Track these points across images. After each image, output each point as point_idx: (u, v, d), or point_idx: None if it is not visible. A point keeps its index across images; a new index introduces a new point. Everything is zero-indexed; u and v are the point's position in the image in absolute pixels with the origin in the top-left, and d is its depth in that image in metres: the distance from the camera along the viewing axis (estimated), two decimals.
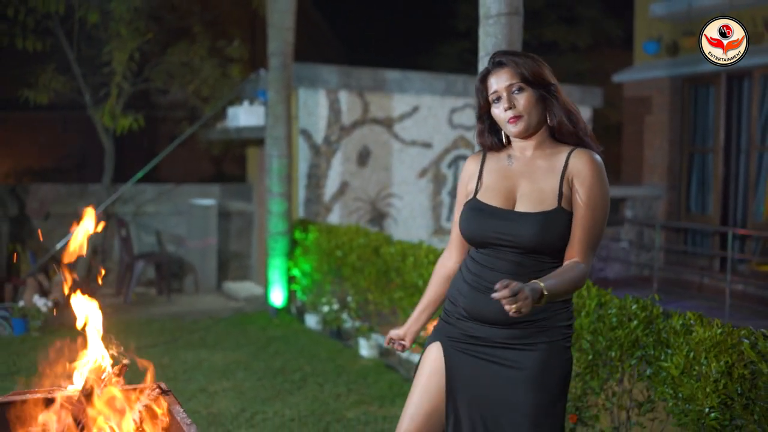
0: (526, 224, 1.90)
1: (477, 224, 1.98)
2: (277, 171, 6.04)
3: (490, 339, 1.96)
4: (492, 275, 1.93)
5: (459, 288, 2.04)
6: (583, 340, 3.11)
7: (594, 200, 1.91)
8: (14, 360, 4.92)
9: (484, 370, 1.96)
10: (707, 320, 2.69)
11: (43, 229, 7.53)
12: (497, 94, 1.97)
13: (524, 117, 1.94)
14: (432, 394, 2.04)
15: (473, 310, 1.97)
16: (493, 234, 1.94)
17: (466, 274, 2.03)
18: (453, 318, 2.04)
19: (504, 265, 1.94)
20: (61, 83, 7.37)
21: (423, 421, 2.06)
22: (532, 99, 1.95)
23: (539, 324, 1.92)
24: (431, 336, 2.12)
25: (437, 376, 2.03)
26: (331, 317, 5.49)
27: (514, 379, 1.92)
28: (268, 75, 6.07)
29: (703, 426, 2.56)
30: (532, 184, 1.96)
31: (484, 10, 3.36)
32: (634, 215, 8.66)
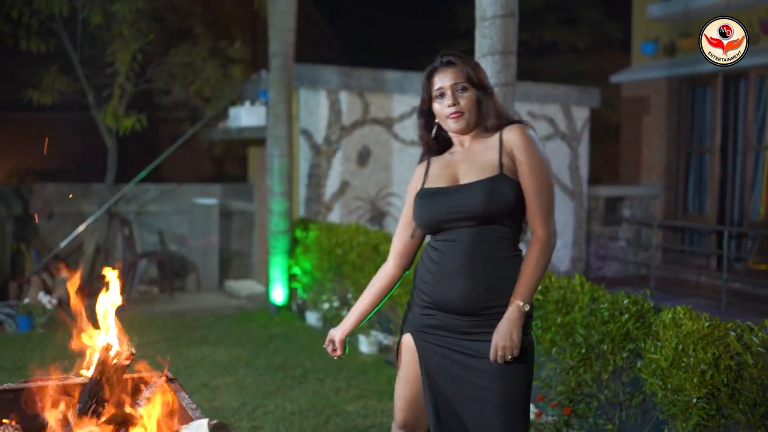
0: (473, 192, 2.02)
1: (428, 207, 2.08)
2: (278, 170, 6.12)
3: (454, 328, 2.05)
4: (453, 261, 2.03)
5: (422, 277, 2.14)
6: (577, 334, 3.19)
7: (537, 166, 2.03)
8: (19, 356, 5.01)
9: (450, 360, 2.06)
10: (696, 314, 2.77)
11: (46, 228, 7.61)
12: (442, 91, 2.10)
13: (465, 114, 2.08)
14: (412, 382, 2.17)
15: (437, 299, 2.06)
16: (446, 210, 2.04)
17: (428, 263, 2.12)
18: (419, 308, 2.14)
19: (462, 247, 2.03)
20: (65, 84, 7.46)
21: (412, 408, 2.20)
22: (473, 99, 2.09)
23: (499, 311, 2.00)
24: (403, 326, 2.23)
25: (413, 364, 2.15)
26: (331, 314, 5.57)
27: (479, 368, 2.01)
28: (270, 75, 6.15)
29: (691, 415, 2.64)
30: (472, 163, 2.09)
31: (480, 12, 3.44)
32: (631, 214, 8.74)
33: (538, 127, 8.14)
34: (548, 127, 8.21)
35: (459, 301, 2.02)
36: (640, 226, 8.76)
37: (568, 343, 3.24)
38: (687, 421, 2.67)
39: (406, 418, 2.25)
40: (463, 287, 2.01)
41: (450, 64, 2.12)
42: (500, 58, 3.39)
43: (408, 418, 2.24)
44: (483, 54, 3.43)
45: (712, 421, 2.62)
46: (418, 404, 2.21)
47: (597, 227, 8.64)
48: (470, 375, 2.03)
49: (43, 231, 7.61)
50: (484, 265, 2.02)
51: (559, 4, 12.36)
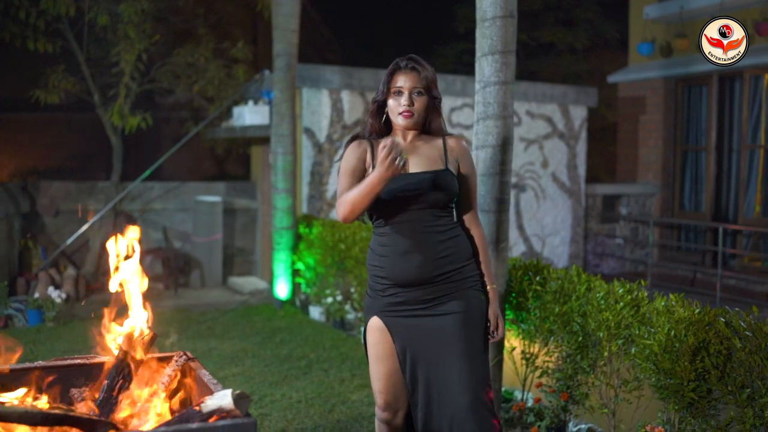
0: (425, 179, 2.37)
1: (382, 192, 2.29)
2: (282, 168, 6.25)
3: (416, 300, 2.35)
4: (405, 240, 2.35)
5: (376, 264, 2.41)
6: (574, 323, 3.32)
7: (473, 171, 2.55)
8: (31, 348, 5.12)
9: (417, 326, 2.36)
10: (687, 302, 2.90)
11: (53, 225, 7.73)
12: (401, 90, 2.42)
13: (415, 115, 2.42)
14: (385, 360, 2.40)
15: (396, 277, 2.35)
16: (401, 194, 2.34)
17: (379, 248, 2.40)
18: (379, 293, 2.40)
19: (412, 227, 2.35)
20: (71, 84, 7.58)
21: (390, 387, 2.43)
22: (424, 103, 2.44)
23: (452, 278, 2.38)
24: (366, 315, 2.47)
25: (383, 343, 2.40)
26: (334, 308, 5.69)
27: (443, 324, 2.34)
28: (273, 75, 6.28)
29: (683, 397, 2.77)
30: (419, 156, 2.45)
31: (480, 13, 3.56)
32: (628, 212, 8.87)
33: (536, 126, 8.28)
34: (546, 126, 8.35)
35: (416, 274, 2.34)
36: (637, 223, 8.90)
37: (566, 331, 3.36)
38: (679, 403, 2.80)
39: (387, 399, 2.44)
40: (418, 261, 2.34)
41: (413, 69, 2.44)
42: (500, 57, 3.52)
43: (389, 399, 2.44)
44: (483, 53, 3.55)
45: (703, 402, 2.75)
46: (394, 381, 2.42)
47: (594, 225, 8.78)
48: (436, 333, 2.35)
49: (50, 228, 7.74)
50: (432, 240, 2.36)
51: (557, 4, 12.49)
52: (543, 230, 8.39)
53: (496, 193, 3.54)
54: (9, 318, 5.90)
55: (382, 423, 2.50)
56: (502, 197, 3.55)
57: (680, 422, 2.86)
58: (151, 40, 7.57)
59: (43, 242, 7.59)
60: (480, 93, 3.58)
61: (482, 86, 3.57)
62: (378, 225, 2.44)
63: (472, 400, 2.29)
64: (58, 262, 7.43)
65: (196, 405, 1.70)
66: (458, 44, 13.22)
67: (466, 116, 7.64)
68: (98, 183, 8.07)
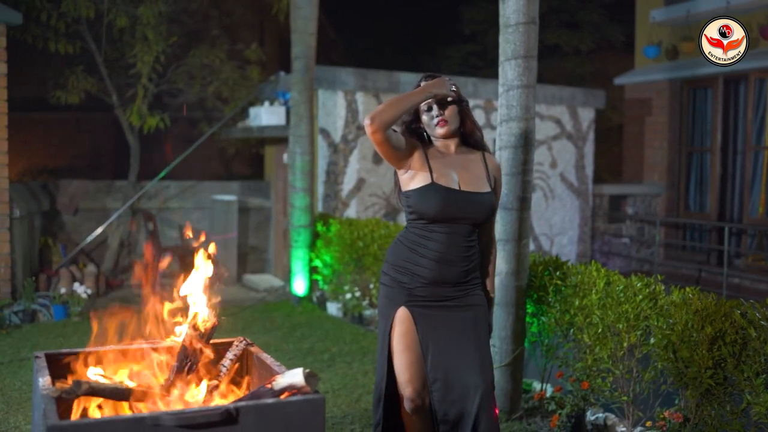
0: (477, 201, 2.57)
1: (441, 203, 2.50)
2: (300, 167, 6.41)
3: (444, 295, 2.58)
4: (452, 250, 2.55)
5: (415, 261, 2.56)
6: (594, 315, 3.48)
7: (500, 188, 2.75)
8: (61, 342, 5.28)
9: (441, 316, 2.57)
10: (704, 294, 3.07)
11: (71, 223, 7.89)
12: (429, 105, 2.57)
13: (449, 122, 2.57)
14: (413, 348, 2.57)
15: (436, 278, 2.55)
16: (458, 211, 2.53)
17: (419, 249, 2.56)
18: (406, 285, 2.57)
19: (458, 240, 2.56)
20: (90, 84, 7.74)
21: (416, 374, 2.57)
22: (454, 110, 2.59)
23: (470, 282, 2.64)
24: (386, 307, 2.62)
25: (411, 332, 2.57)
26: (353, 304, 5.85)
27: (462, 315, 2.58)
28: (292, 77, 6.43)
29: (700, 384, 2.94)
30: (469, 174, 2.61)
31: (503, 19, 3.73)
32: (634, 212, 9.04)
33: (545, 127, 8.45)
34: (555, 128, 8.52)
35: (454, 279, 2.58)
36: (643, 223, 9.07)
37: (586, 323, 3.53)
38: (696, 390, 2.97)
39: (416, 387, 2.58)
40: (458, 270, 2.58)
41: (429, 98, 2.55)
42: (522, 61, 3.68)
43: (417, 386, 2.58)
44: (507, 58, 3.72)
45: (719, 389, 2.91)
46: (420, 368, 2.57)
47: (601, 224, 8.95)
48: (453, 326, 2.56)
49: (68, 226, 7.89)
50: (466, 254, 2.60)
51: (562, 7, 12.65)
52: (551, 229, 8.56)
53: (519, 192, 3.70)
54: (34, 313, 6.05)
55: (412, 414, 2.61)
56: (524, 195, 3.72)
57: (697, 408, 3.03)
58: (168, 42, 7.74)
59: (62, 240, 7.74)
60: (503, 96, 3.74)
61: (505, 89, 3.73)
62: (417, 225, 2.57)
63: (484, 390, 2.49)
64: (77, 259, 7.58)
65: (267, 383, 1.86)
66: (464, 46, 13.39)
67: (478, 117, 7.80)
68: (116, 182, 8.23)
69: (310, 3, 6.27)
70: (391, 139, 2.46)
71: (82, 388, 1.69)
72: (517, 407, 3.80)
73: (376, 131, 2.39)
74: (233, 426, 1.68)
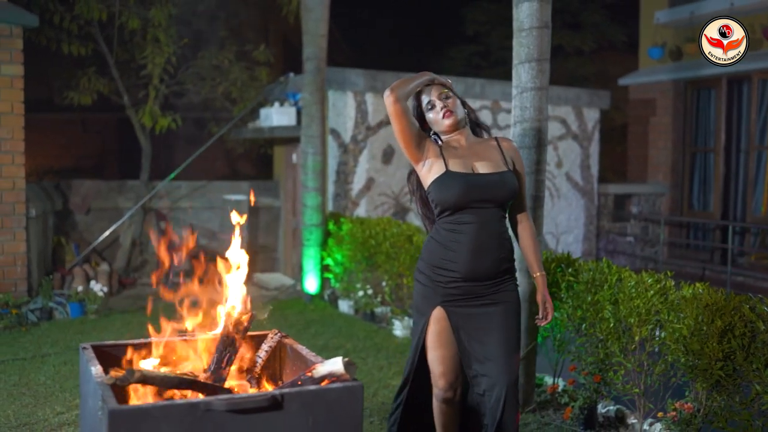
0: (495, 180, 2.62)
1: (460, 186, 2.57)
2: (311, 167, 6.52)
3: (478, 292, 2.63)
4: (484, 238, 2.58)
5: (446, 257, 2.62)
6: (605, 311, 3.59)
7: (523, 168, 2.82)
8: (80, 338, 5.39)
9: (474, 312, 2.64)
10: (713, 289, 3.18)
11: (83, 222, 8.00)
12: (432, 103, 2.68)
13: (455, 112, 2.67)
14: (448, 344, 2.67)
15: (465, 271, 2.59)
16: (473, 191, 2.57)
17: (449, 244, 2.61)
18: (440, 284, 2.64)
19: (486, 226, 2.59)
20: (103, 85, 7.85)
21: (450, 368, 2.69)
22: (456, 101, 2.70)
23: (506, 273, 2.69)
24: (422, 305, 2.70)
25: (447, 330, 2.66)
26: (365, 302, 5.96)
27: (497, 309, 2.64)
28: (303, 78, 6.54)
29: (711, 376, 3.05)
30: (483, 159, 2.67)
31: (517, 24, 3.83)
32: (639, 211, 9.15)
33: (551, 127, 8.56)
34: (561, 128, 8.63)
35: (488, 271, 2.62)
36: (647, 222, 9.18)
37: (598, 318, 3.63)
38: (706, 381, 3.08)
39: (450, 380, 2.70)
40: (487, 260, 2.61)
41: (430, 83, 2.70)
42: (536, 64, 3.79)
43: (451, 379, 2.70)
44: (520, 61, 3.83)
45: (729, 380, 3.02)
46: (455, 363, 2.69)
47: (606, 223, 9.06)
48: (486, 321, 2.64)
49: (81, 225, 8.00)
50: (496, 242, 2.63)
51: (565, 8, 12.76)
52: (557, 228, 8.67)
53: (533, 191, 3.81)
54: (51, 310, 6.16)
55: (443, 403, 2.73)
56: (537, 194, 3.83)
57: (707, 399, 3.14)
58: (179, 44, 7.85)
59: (74, 239, 7.85)
60: (517, 98, 3.85)
61: (519, 91, 3.84)
62: (446, 220, 2.65)
63: (508, 385, 2.58)
64: (89, 258, 7.69)
65: (308, 371, 1.96)
66: (467, 47, 13.50)
67: (485, 118, 7.91)
68: (128, 182, 8.34)
69: (321, 5, 6.38)
70: (408, 113, 2.59)
71: (135, 376, 1.80)
72: (530, 400, 3.91)
73: (397, 101, 2.53)
74: (279, 411, 1.79)
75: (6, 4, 6.16)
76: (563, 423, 3.72)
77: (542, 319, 2.77)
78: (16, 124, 6.21)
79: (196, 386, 1.95)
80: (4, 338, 5.35)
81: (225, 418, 1.72)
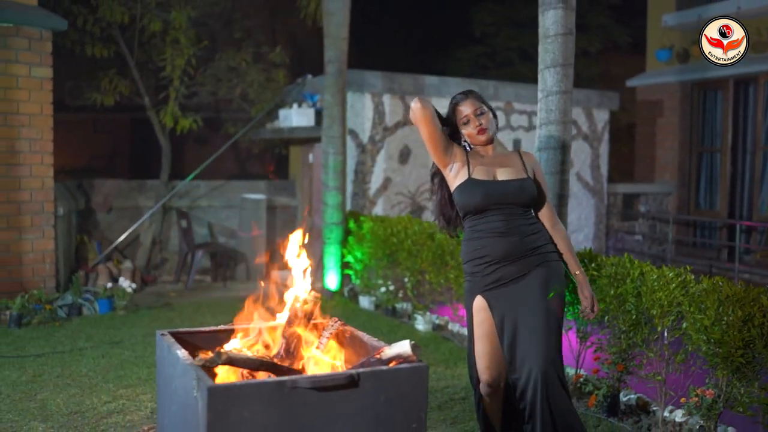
0: (515, 185, 2.84)
1: (481, 192, 2.79)
2: (333, 167, 6.71)
3: (512, 274, 2.79)
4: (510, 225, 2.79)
5: (475, 247, 2.82)
6: (628, 303, 3.78)
7: (543, 178, 3.02)
8: (112, 333, 5.57)
9: (511, 294, 2.79)
10: (731, 282, 3.37)
11: (105, 221, 8.19)
12: (467, 118, 2.87)
13: (488, 128, 2.88)
14: (490, 336, 2.84)
15: (494, 252, 2.78)
16: (494, 195, 2.79)
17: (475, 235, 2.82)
18: (478, 274, 2.82)
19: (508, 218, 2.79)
20: (125, 86, 8.04)
21: (494, 362, 2.84)
22: (489, 117, 2.90)
23: (538, 253, 2.83)
24: (469, 298, 2.90)
25: (488, 320, 2.84)
26: (386, 297, 6.15)
27: (531, 289, 2.78)
28: (325, 80, 6.72)
29: (731, 363, 3.24)
30: (506, 167, 2.89)
31: (543, 30, 4.03)
32: (647, 210, 9.35)
33: None
34: (572, 129, 8.81)
35: (511, 249, 2.79)
36: (655, 221, 9.38)
37: (621, 311, 3.82)
38: (727, 369, 3.27)
39: (492, 374, 2.86)
40: (512, 239, 2.80)
41: (466, 97, 2.91)
42: (561, 69, 3.98)
43: (493, 373, 2.86)
44: (546, 66, 4.02)
45: (748, 367, 3.21)
46: (497, 356, 2.84)
47: (615, 222, 9.26)
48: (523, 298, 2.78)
49: (102, 224, 8.19)
50: (521, 224, 2.83)
51: None
52: (568, 227, 8.82)
53: (557, 190, 4.00)
54: (80, 307, 6.34)
55: (486, 397, 2.89)
56: (562, 193, 4.02)
57: (727, 386, 3.33)
58: (200, 45, 8.03)
59: (96, 237, 8.04)
60: (543, 101, 4.04)
61: (545, 95, 4.03)
62: (472, 220, 2.86)
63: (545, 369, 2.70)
64: (110, 256, 7.88)
65: (376, 354, 2.15)
66: (474, 48, 13.68)
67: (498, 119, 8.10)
68: (148, 181, 8.52)
69: (342, 9, 6.56)
70: (434, 119, 2.80)
71: (222, 358, 1.98)
72: None
73: (425, 106, 2.75)
74: (354, 389, 1.97)
75: (36, 8, 6.34)
76: (587, 410, 3.91)
77: (590, 312, 2.95)
78: (45, 125, 6.38)
79: (273, 368, 2.13)
80: (40, 332, 5.53)
81: (308, 395, 1.91)
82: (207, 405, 1.80)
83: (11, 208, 6.18)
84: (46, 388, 4.21)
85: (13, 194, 6.19)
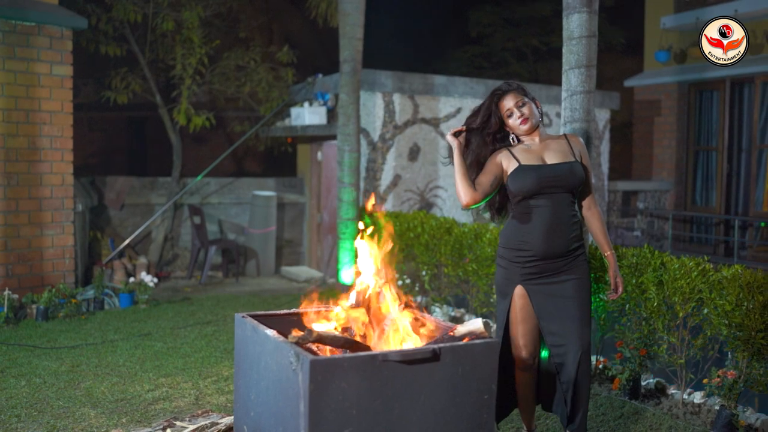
0: (565, 168, 2.97)
1: (533, 176, 2.92)
2: (348, 164, 6.88)
3: (553, 268, 2.98)
4: (557, 219, 2.94)
5: (523, 238, 2.98)
6: (650, 291, 4.00)
7: (589, 161, 3.16)
8: (139, 326, 5.71)
9: (551, 287, 2.99)
10: (750, 270, 3.60)
11: (117, 218, 8.29)
12: (510, 111, 3.02)
13: (530, 118, 3.02)
14: (529, 319, 3.06)
15: (540, 250, 2.93)
16: (545, 179, 2.92)
17: (525, 227, 2.98)
18: (518, 265, 3.00)
19: (559, 208, 2.94)
20: (138, 85, 8.15)
21: (531, 341, 3.08)
22: (531, 107, 3.03)
23: (574, 253, 3.03)
24: (503, 285, 3.08)
25: (527, 306, 3.05)
26: (403, 291, 6.34)
27: (570, 283, 2.99)
28: (340, 79, 6.89)
29: (752, 345, 3.47)
30: (554, 151, 3.03)
31: (567, 33, 4.23)
32: (645, 207, 9.63)
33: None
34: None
35: (560, 249, 2.95)
36: (653, 217, 9.66)
37: (642, 298, 4.04)
38: (747, 351, 3.50)
39: (530, 351, 3.08)
40: (559, 239, 2.95)
41: (508, 91, 3.05)
42: (584, 70, 4.19)
43: (531, 350, 3.09)
44: (570, 67, 4.22)
45: None
46: (534, 336, 3.08)
47: (615, 218, 9.52)
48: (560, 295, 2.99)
49: (114, 220, 8.29)
50: (568, 223, 2.97)
51: None
52: None
53: None
54: (102, 301, 6.46)
55: (525, 371, 3.12)
56: None
57: (747, 367, 3.56)
58: (211, 45, 8.16)
59: (109, 234, 8.14)
60: (567, 100, 4.24)
61: (569, 95, 4.23)
62: (521, 204, 3.03)
63: (582, 349, 2.98)
64: (123, 252, 7.99)
65: (450, 331, 2.33)
66: (471, 48, 13.91)
67: None
68: (159, 178, 8.64)
69: (357, 10, 6.74)
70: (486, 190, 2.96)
71: (312, 336, 2.15)
72: None
73: (472, 202, 2.93)
74: (436, 362, 2.16)
75: (57, 7, 6.44)
76: (611, 393, 4.13)
77: (613, 293, 3.15)
78: (66, 123, 6.49)
79: (356, 345, 2.31)
80: (69, 326, 5.65)
81: (396, 368, 2.09)
82: (309, 376, 1.97)
83: (33, 204, 6.28)
84: (87, 377, 4.35)
85: (35, 190, 6.29)
